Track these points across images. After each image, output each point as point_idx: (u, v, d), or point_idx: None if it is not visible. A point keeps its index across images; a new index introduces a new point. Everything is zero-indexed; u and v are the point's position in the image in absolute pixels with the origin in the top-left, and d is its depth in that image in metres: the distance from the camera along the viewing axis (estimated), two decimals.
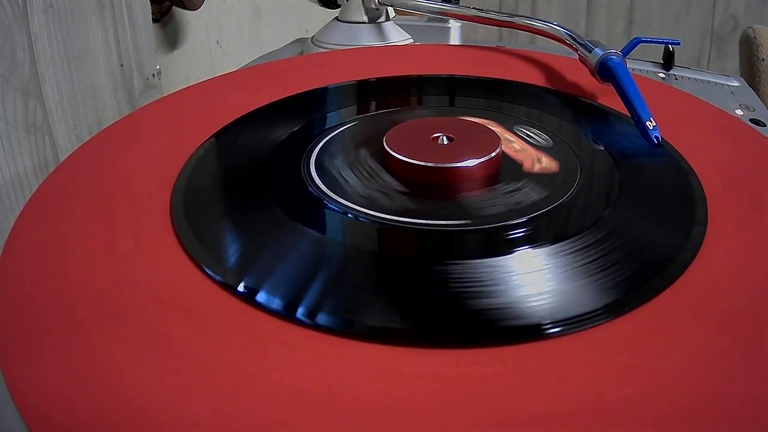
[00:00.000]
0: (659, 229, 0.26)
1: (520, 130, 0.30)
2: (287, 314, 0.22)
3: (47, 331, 0.22)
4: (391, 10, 0.53)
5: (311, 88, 0.39)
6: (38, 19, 0.43)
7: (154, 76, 0.56)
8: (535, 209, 0.27)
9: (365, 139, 0.32)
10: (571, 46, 0.40)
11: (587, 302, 0.22)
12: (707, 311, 0.22)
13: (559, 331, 0.21)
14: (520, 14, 0.45)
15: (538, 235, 0.25)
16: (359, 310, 0.22)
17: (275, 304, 0.22)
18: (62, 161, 0.32)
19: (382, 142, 0.30)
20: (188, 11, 0.66)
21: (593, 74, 0.37)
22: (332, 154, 0.31)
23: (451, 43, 0.55)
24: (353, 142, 0.32)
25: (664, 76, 0.48)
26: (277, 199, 0.28)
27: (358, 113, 0.36)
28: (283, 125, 0.34)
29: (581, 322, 0.21)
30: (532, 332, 0.21)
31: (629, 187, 0.28)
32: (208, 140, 0.33)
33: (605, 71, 0.36)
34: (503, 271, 0.23)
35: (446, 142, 0.30)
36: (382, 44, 0.51)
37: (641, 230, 0.26)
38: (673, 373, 0.20)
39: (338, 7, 0.53)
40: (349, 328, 0.21)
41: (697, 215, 0.26)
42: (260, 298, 0.22)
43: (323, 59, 0.45)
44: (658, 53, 0.50)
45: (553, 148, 0.31)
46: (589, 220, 0.26)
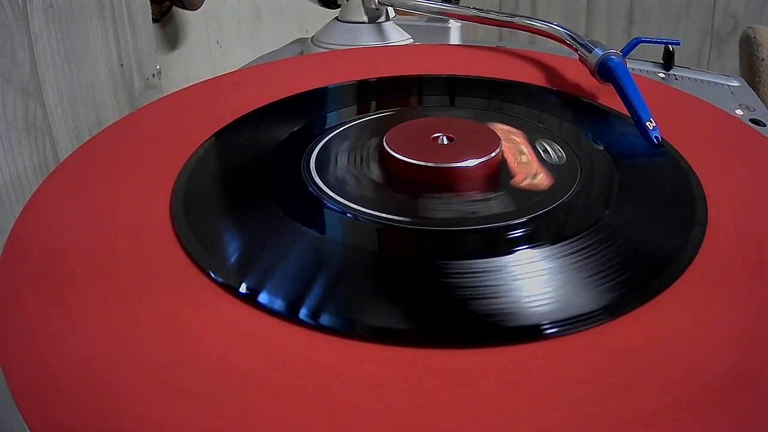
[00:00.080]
0: (659, 229, 0.26)
1: (540, 143, 0.30)
2: (287, 314, 0.22)
3: (48, 331, 0.22)
4: (391, 10, 0.53)
5: (311, 88, 0.39)
6: (38, 19, 0.43)
7: (154, 76, 0.56)
8: (535, 209, 0.27)
9: (365, 139, 0.32)
10: (571, 46, 0.40)
11: (587, 302, 0.22)
12: (707, 311, 0.22)
13: (558, 331, 0.21)
14: (520, 14, 0.45)
15: (538, 235, 0.25)
16: (359, 310, 0.22)
17: (275, 304, 0.22)
18: (62, 161, 0.32)
19: (382, 142, 0.30)
20: (188, 11, 0.66)
21: (593, 74, 0.37)
22: (332, 154, 0.31)
23: (451, 43, 0.55)
24: (353, 142, 0.32)
25: (664, 76, 0.48)
26: (277, 199, 0.28)
27: (358, 113, 0.36)
28: (283, 125, 0.34)
29: (581, 322, 0.21)
30: (532, 332, 0.21)
31: (629, 187, 0.28)
32: (208, 140, 0.33)
33: (605, 71, 0.36)
34: (503, 271, 0.23)
35: (446, 142, 0.30)
36: (382, 44, 0.51)
37: (641, 230, 0.26)
38: (673, 373, 0.20)
39: (338, 7, 0.53)
40: (349, 328, 0.21)
41: (696, 215, 0.26)
42: (261, 298, 0.22)
43: (323, 59, 0.45)
44: (658, 53, 0.50)
45: (561, 166, 0.30)
46: (589, 220, 0.26)
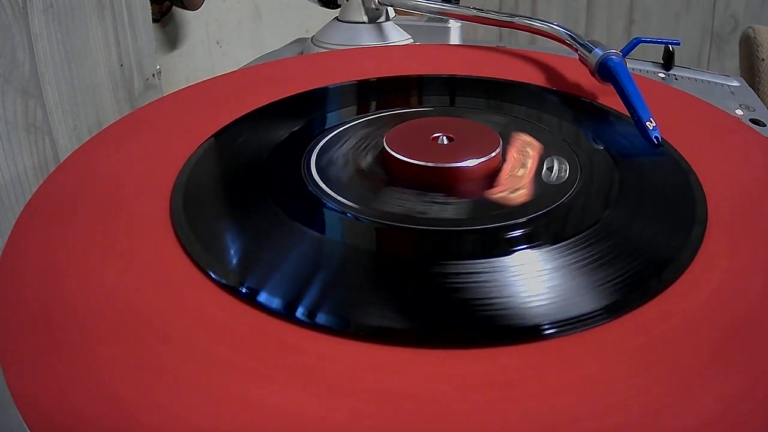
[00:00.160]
0: (659, 229, 0.26)
1: (551, 160, 0.29)
2: (286, 314, 0.22)
3: (48, 331, 0.22)
4: (391, 10, 0.53)
5: (311, 88, 0.39)
6: (38, 19, 0.43)
7: (154, 76, 0.56)
8: (535, 209, 0.27)
9: (365, 139, 0.32)
10: (571, 46, 0.40)
11: (587, 303, 0.22)
12: (707, 311, 0.22)
13: (558, 331, 0.21)
14: (520, 14, 0.45)
15: (537, 235, 0.25)
16: (359, 310, 0.22)
17: (274, 303, 0.22)
18: (62, 161, 0.32)
19: (382, 141, 0.30)
20: (188, 11, 0.66)
21: (593, 74, 0.37)
22: (332, 154, 0.31)
23: (451, 43, 0.55)
24: (353, 142, 0.32)
25: (664, 76, 0.48)
26: (277, 199, 0.28)
27: (358, 113, 0.36)
28: (283, 125, 0.34)
29: (581, 322, 0.21)
30: (531, 333, 0.21)
31: (629, 187, 0.28)
32: (208, 140, 0.33)
33: (605, 71, 0.36)
34: (503, 271, 0.23)
35: (446, 142, 0.30)
36: (382, 44, 0.51)
37: (641, 230, 0.26)
38: (673, 373, 0.20)
39: (338, 7, 0.53)
40: (348, 328, 0.21)
41: (696, 215, 0.26)
42: (260, 297, 0.22)
43: (323, 59, 0.45)
44: (658, 53, 0.50)
45: (553, 186, 0.28)
46: (588, 220, 0.26)
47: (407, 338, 0.21)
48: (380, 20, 0.53)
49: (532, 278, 0.23)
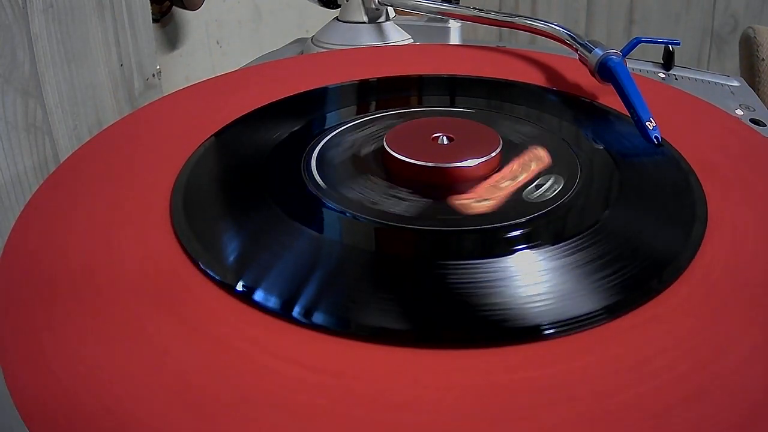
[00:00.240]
0: (659, 229, 0.26)
1: (547, 178, 0.28)
2: (285, 314, 0.22)
3: (48, 331, 0.22)
4: (391, 10, 0.53)
5: (311, 88, 0.39)
6: (38, 19, 0.43)
7: (154, 76, 0.56)
8: (535, 210, 0.27)
9: (365, 139, 0.32)
10: (571, 46, 0.40)
11: (587, 303, 0.22)
12: (707, 311, 0.22)
13: (558, 331, 0.21)
14: (520, 14, 0.45)
15: (537, 235, 0.25)
16: (358, 310, 0.22)
17: (273, 303, 0.22)
18: (62, 161, 0.32)
19: (382, 141, 0.30)
20: (188, 11, 0.66)
21: (593, 74, 0.37)
22: (332, 153, 0.31)
23: (451, 43, 0.55)
24: (353, 141, 0.32)
25: (664, 76, 0.48)
26: (277, 198, 0.28)
27: (358, 113, 0.36)
28: (283, 125, 0.34)
29: (581, 322, 0.21)
30: (531, 333, 0.21)
31: (629, 187, 0.28)
32: (208, 140, 0.33)
33: (605, 71, 0.36)
34: (503, 271, 0.23)
35: (446, 142, 0.30)
36: (382, 44, 0.51)
37: (641, 231, 0.26)
38: (673, 373, 0.20)
39: (338, 7, 0.53)
40: (347, 328, 0.21)
41: (696, 215, 0.26)
42: (259, 297, 0.22)
43: (323, 59, 0.45)
44: (658, 53, 0.50)
45: (534, 202, 0.27)
46: (589, 220, 0.26)
47: (407, 338, 0.21)
48: (380, 20, 0.53)
49: (532, 278, 0.23)
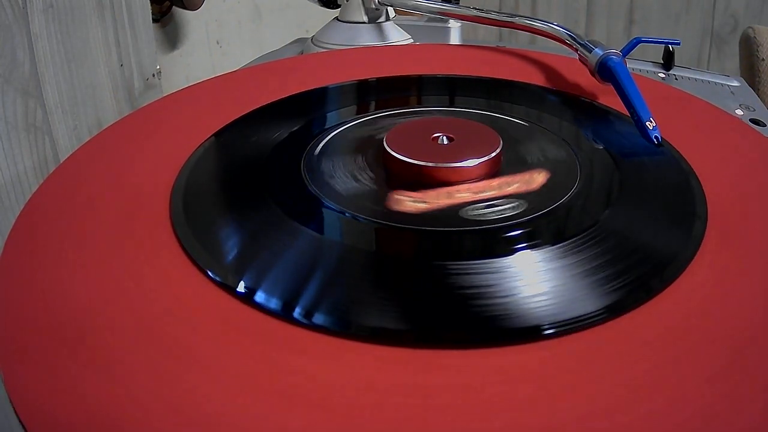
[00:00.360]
0: (659, 228, 0.26)
1: (511, 202, 0.28)
2: (285, 314, 0.22)
3: (48, 331, 0.22)
4: (391, 10, 0.53)
5: (311, 88, 0.39)
6: (38, 19, 0.43)
7: (154, 76, 0.56)
8: (535, 210, 0.27)
9: (365, 138, 0.32)
10: (571, 46, 0.40)
11: (587, 303, 0.22)
12: (707, 311, 0.22)
13: (558, 331, 0.21)
14: (520, 14, 0.45)
15: (537, 235, 0.25)
16: (358, 310, 0.22)
17: (273, 303, 0.22)
18: (62, 161, 0.32)
19: (382, 141, 0.30)
20: (188, 11, 0.66)
21: (593, 74, 0.37)
22: (332, 153, 0.31)
23: (451, 43, 0.55)
24: (353, 141, 0.32)
25: (664, 76, 0.48)
26: (277, 198, 0.28)
27: (357, 113, 0.36)
28: (283, 125, 0.34)
29: (581, 322, 0.21)
30: (531, 333, 0.21)
31: (629, 187, 0.28)
32: (208, 140, 0.33)
33: (605, 71, 0.36)
34: (503, 271, 0.23)
35: (446, 142, 0.30)
36: (382, 44, 0.51)
37: (641, 230, 0.26)
38: (673, 373, 0.20)
39: (338, 7, 0.53)
40: (347, 328, 0.21)
41: (697, 215, 0.26)
42: (259, 297, 0.22)
43: (323, 59, 0.45)
44: (658, 53, 0.49)
45: (459, 218, 0.26)
46: (589, 220, 0.26)
47: (407, 338, 0.21)
48: (380, 20, 0.53)
49: (532, 278, 0.23)
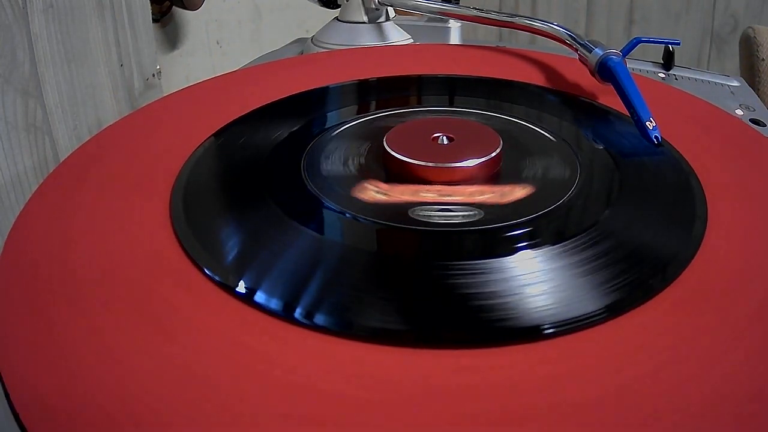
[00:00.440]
0: (659, 229, 0.26)
1: (470, 210, 0.28)
2: (285, 314, 0.22)
3: (48, 331, 0.22)
4: (391, 10, 0.53)
5: (311, 88, 0.39)
6: (38, 19, 0.43)
7: (154, 76, 0.56)
8: (535, 210, 0.27)
9: (365, 138, 0.32)
10: (571, 46, 0.40)
11: (587, 302, 0.22)
12: (707, 310, 0.22)
13: (558, 331, 0.21)
14: (520, 14, 0.45)
15: (537, 235, 0.25)
16: (358, 310, 0.22)
17: (273, 303, 0.22)
18: (62, 161, 0.32)
19: (382, 141, 0.30)
20: (188, 11, 0.66)
21: (593, 74, 0.37)
22: (332, 153, 0.31)
23: (451, 43, 0.55)
24: (353, 141, 0.32)
25: (664, 76, 0.48)
26: (277, 198, 0.28)
27: (358, 113, 0.36)
28: (283, 125, 0.34)
29: (581, 322, 0.21)
30: (531, 333, 0.21)
31: (629, 187, 0.28)
32: (208, 140, 0.33)
33: (605, 71, 0.36)
34: (503, 271, 0.23)
35: (446, 142, 0.30)
36: (382, 44, 0.51)
37: (641, 230, 0.26)
38: (674, 373, 0.20)
39: (338, 7, 0.53)
40: (347, 328, 0.21)
41: (697, 215, 0.26)
42: (259, 298, 0.22)
43: (323, 59, 0.45)
44: (658, 53, 0.49)
45: (405, 216, 0.26)
46: (589, 220, 0.26)
47: (407, 339, 0.21)
48: (380, 20, 0.53)
49: (532, 278, 0.23)
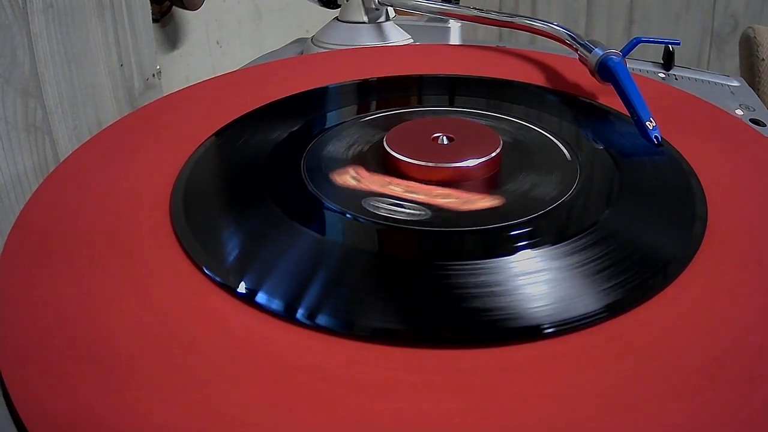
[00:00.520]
0: (659, 228, 0.26)
1: (425, 209, 0.28)
2: (286, 314, 0.22)
3: (47, 331, 0.22)
4: (391, 10, 0.53)
5: (311, 88, 0.39)
6: (38, 19, 0.43)
7: (154, 76, 0.56)
8: (535, 209, 0.27)
9: (365, 139, 0.32)
10: (571, 46, 0.40)
11: (587, 302, 0.22)
12: (707, 310, 0.22)
13: (558, 331, 0.21)
14: (520, 14, 0.45)
15: (537, 235, 0.25)
16: (358, 311, 0.22)
17: (274, 304, 0.22)
18: (62, 161, 0.32)
19: (382, 142, 0.30)
20: (188, 11, 0.66)
21: (593, 74, 0.37)
22: (332, 154, 0.31)
23: (451, 43, 0.55)
24: (353, 142, 0.32)
25: (664, 76, 0.48)
26: (277, 199, 0.28)
27: (358, 113, 0.36)
28: (283, 125, 0.34)
29: (581, 322, 0.21)
30: (531, 333, 0.21)
31: (629, 187, 0.28)
32: (208, 140, 0.33)
33: (605, 71, 0.36)
34: (503, 271, 0.23)
35: (446, 142, 0.30)
36: (382, 44, 0.51)
37: (641, 230, 0.26)
38: (674, 373, 0.20)
39: (338, 7, 0.53)
40: (348, 328, 0.21)
41: (697, 215, 0.26)
42: (259, 298, 0.22)
43: (323, 59, 0.45)
44: (658, 53, 0.49)
45: (361, 207, 0.27)
46: (589, 220, 0.26)
47: (407, 339, 0.21)
48: (380, 20, 0.53)
49: (532, 278, 0.23)
